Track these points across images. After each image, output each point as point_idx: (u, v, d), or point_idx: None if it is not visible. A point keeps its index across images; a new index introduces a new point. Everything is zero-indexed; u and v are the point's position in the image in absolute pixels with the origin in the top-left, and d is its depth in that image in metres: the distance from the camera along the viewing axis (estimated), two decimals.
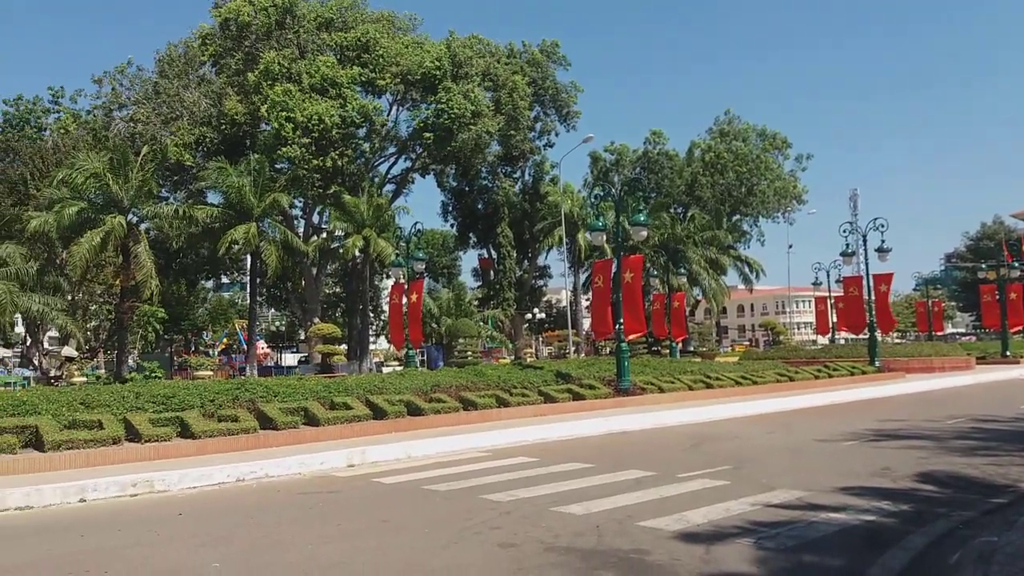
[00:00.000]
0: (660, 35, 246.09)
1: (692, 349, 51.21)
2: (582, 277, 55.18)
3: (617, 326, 19.53)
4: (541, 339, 69.31)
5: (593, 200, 52.27)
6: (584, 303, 57.26)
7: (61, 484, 9.21)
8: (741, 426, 15.84)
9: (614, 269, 21.20)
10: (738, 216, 60.94)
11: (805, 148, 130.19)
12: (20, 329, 50.04)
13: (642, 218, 20.48)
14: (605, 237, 21.91)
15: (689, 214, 55.17)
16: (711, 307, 57.14)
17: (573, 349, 49.98)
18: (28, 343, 45.25)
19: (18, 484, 9.17)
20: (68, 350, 43.49)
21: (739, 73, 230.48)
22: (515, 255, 51.29)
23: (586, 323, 57.56)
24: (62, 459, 10.43)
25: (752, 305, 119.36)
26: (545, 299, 68.71)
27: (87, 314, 44.12)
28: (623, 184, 57.60)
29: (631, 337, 20.16)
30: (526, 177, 53.78)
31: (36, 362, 41.21)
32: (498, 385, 17.33)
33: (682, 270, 40.38)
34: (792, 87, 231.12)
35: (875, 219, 27.98)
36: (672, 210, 56.46)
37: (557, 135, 50.87)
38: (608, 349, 41.08)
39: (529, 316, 58.91)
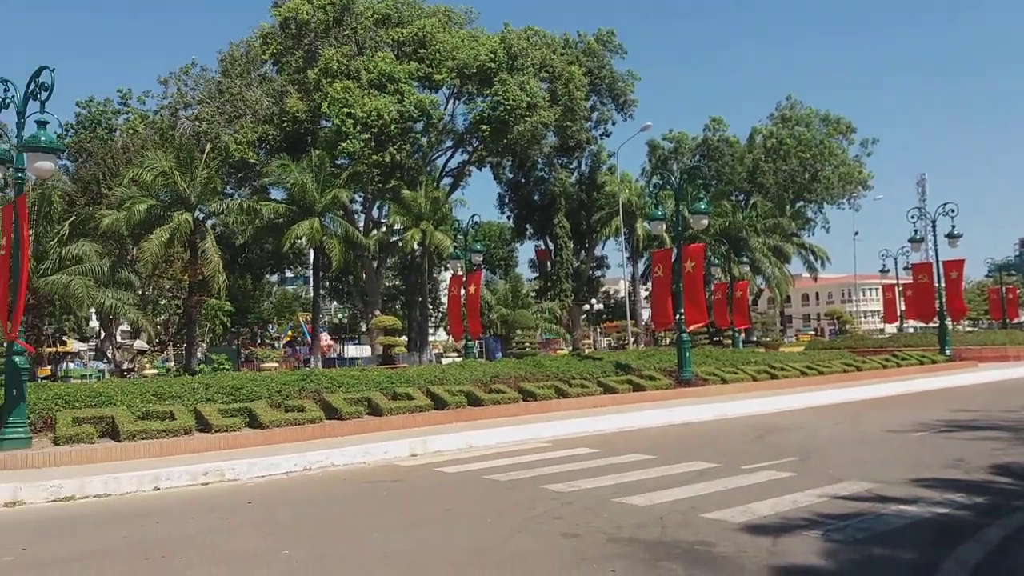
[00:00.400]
0: (717, 21, 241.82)
1: (755, 339, 50.27)
2: (641, 267, 54.65)
3: (678, 316, 19.31)
4: (599, 330, 68.97)
5: (652, 189, 51.82)
6: (643, 293, 56.77)
7: (136, 473, 9.54)
8: (807, 417, 15.52)
9: (674, 258, 20.94)
10: (802, 203, 59.55)
11: (870, 132, 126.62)
12: (94, 324, 52.04)
13: (702, 206, 20.18)
14: (664, 226, 21.65)
15: (751, 201, 54.10)
16: (774, 296, 55.93)
17: (632, 340, 49.61)
18: (102, 337, 47.06)
19: (97, 472, 9.52)
20: (140, 343, 45.08)
21: (800, 57, 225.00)
22: (572, 246, 51.09)
23: (645, 313, 57.09)
24: (137, 448, 10.79)
25: (817, 294, 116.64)
26: (603, 290, 68.31)
27: (157, 308, 45.54)
28: (682, 172, 56.84)
29: (692, 327, 19.90)
30: (583, 167, 53.52)
31: (110, 355, 42.83)
32: (557, 376, 17.31)
33: (744, 259, 39.62)
34: (856, 70, 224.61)
35: (944, 204, 27.23)
36: (733, 198, 55.46)
37: (614, 124, 50.47)
38: (668, 340, 40.65)
39: (587, 307, 58.69)
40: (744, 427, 14.18)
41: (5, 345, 11.27)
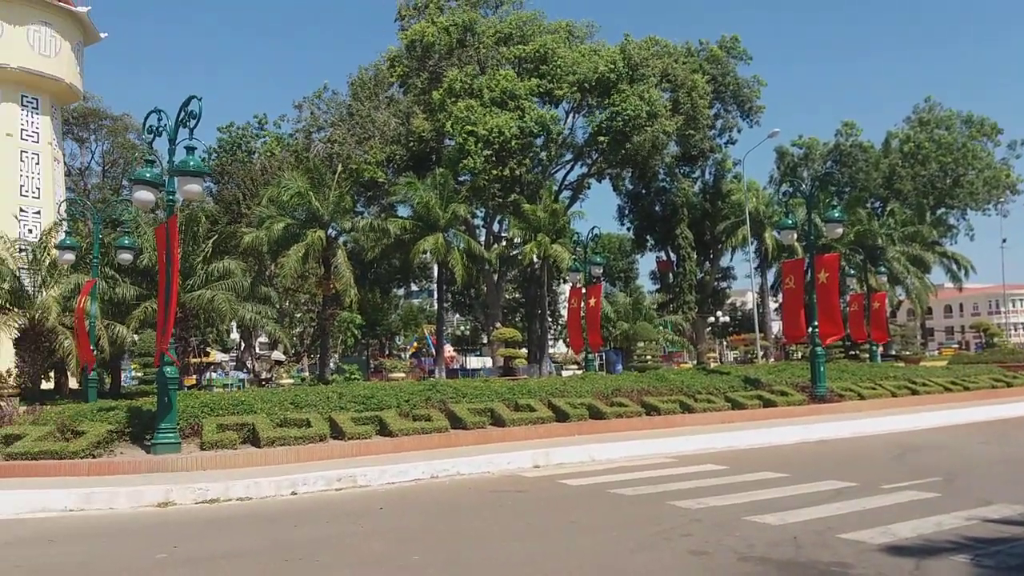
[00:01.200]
0: (847, 23, 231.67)
1: (894, 353, 47.50)
2: (769, 278, 52.85)
3: (811, 329, 18.52)
4: (725, 343, 67.13)
5: (781, 197, 50.09)
6: (772, 305, 54.88)
7: (275, 478, 10.02)
8: (951, 435, 14.53)
9: (806, 269, 20.12)
10: (943, 209, 56.04)
11: (1018, 134, 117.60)
12: (235, 336, 55.25)
13: (836, 214, 19.31)
14: (795, 235, 20.80)
15: (888, 209, 51.39)
16: (914, 308, 52.92)
17: (761, 354, 47.96)
18: (242, 348, 49.88)
19: (239, 477, 10.07)
20: (277, 354, 47.49)
21: (938, 58, 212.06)
22: (695, 257, 50.04)
23: (775, 326, 55.13)
24: (275, 454, 11.33)
25: (961, 305, 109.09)
26: (729, 302, 66.53)
27: (293, 321, 47.87)
28: (814, 179, 54.77)
29: (827, 341, 19.02)
30: (706, 176, 52.46)
31: (249, 365, 45.34)
32: (681, 390, 16.93)
33: (881, 268, 37.57)
34: (1001, 70, 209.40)
35: None
36: (868, 205, 52.85)
37: (739, 131, 49.32)
38: (800, 354, 39.04)
39: (712, 319, 57.24)
40: (883, 445, 13.42)
41: (158, 356, 12.10)
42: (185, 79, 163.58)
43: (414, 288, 66.72)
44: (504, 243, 43.23)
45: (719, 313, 60.67)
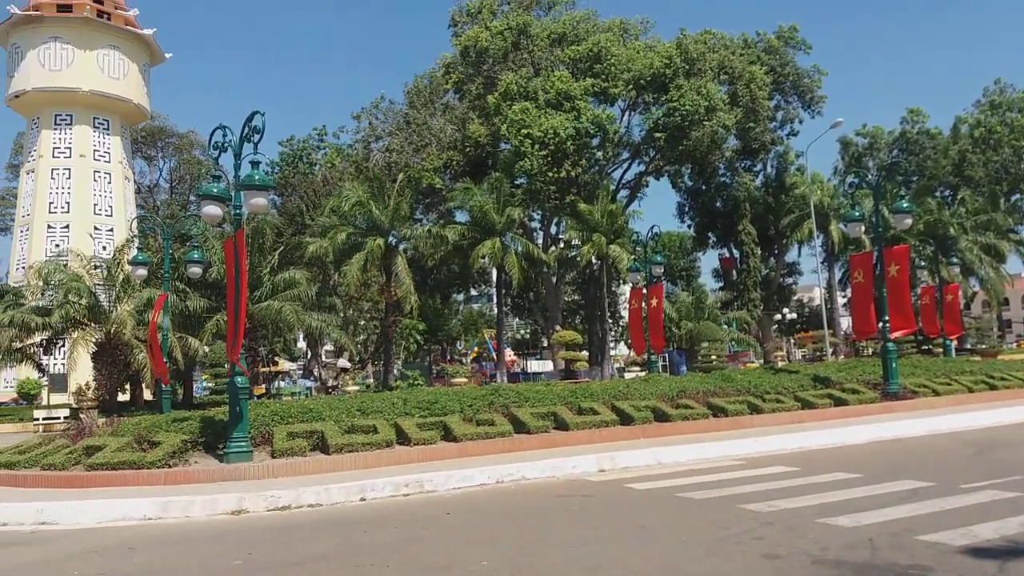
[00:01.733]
0: (906, 8, 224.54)
1: (969, 347, 45.76)
2: (837, 272, 51.56)
3: (881, 324, 18.00)
4: (792, 341, 65.69)
5: (846, 188, 48.79)
6: (841, 300, 53.50)
7: (344, 484, 10.18)
8: None
9: (875, 262, 19.56)
10: (1018, 195, 53.85)
11: None
12: (302, 344, 56.45)
13: (905, 204, 18.75)
14: (863, 227, 20.21)
15: (958, 197, 49.62)
16: (989, 299, 50.86)
17: (830, 351, 46.75)
18: (309, 357, 50.88)
19: (309, 484, 10.27)
20: (343, 362, 48.28)
21: (1006, 39, 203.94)
22: (759, 252, 49.20)
23: (844, 322, 53.65)
24: (344, 461, 11.51)
25: None
26: (795, 298, 65.13)
27: (357, 329, 48.67)
28: (880, 169, 53.22)
29: (898, 335, 18.45)
30: (768, 170, 51.58)
31: (316, 373, 46.21)
32: (748, 391, 16.62)
33: (953, 259, 36.29)
34: None
35: None
36: (938, 194, 51.15)
37: (801, 123, 48.43)
38: (871, 350, 37.98)
39: (778, 317, 56.11)
40: (961, 443, 12.94)
41: (229, 367, 12.43)
42: (246, 94, 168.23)
43: (473, 293, 67.12)
44: (562, 245, 43.17)
45: (785, 310, 59.44)
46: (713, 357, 37.17)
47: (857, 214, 19.51)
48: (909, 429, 14.58)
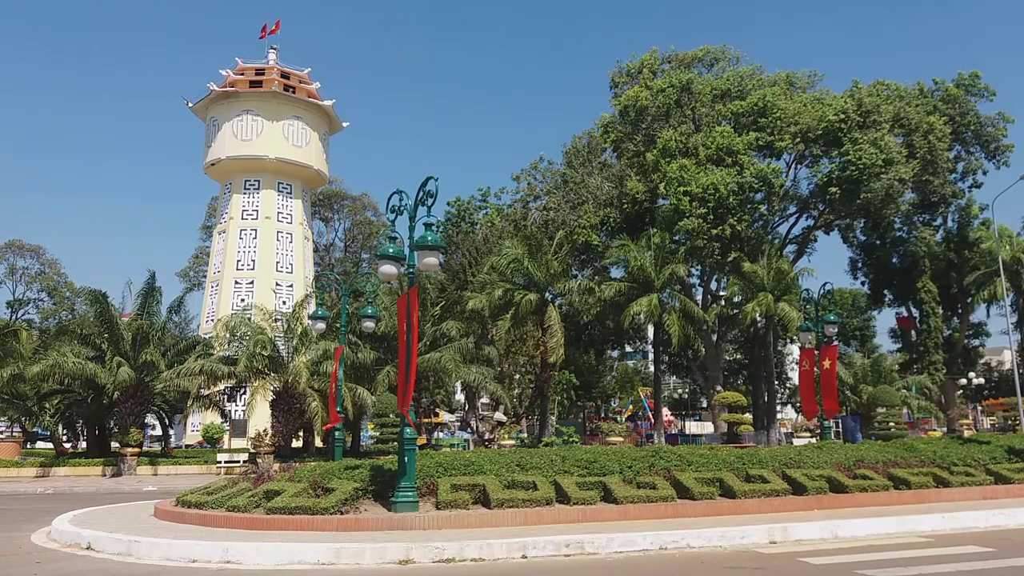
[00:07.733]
0: None
1: None
2: None
3: None
4: (980, 408, 60.11)
5: None
6: None
7: (507, 540, 10.19)
8: None
9: None
10: None
11: None
12: (459, 396, 57.74)
13: None
14: None
15: None
16: None
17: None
18: (466, 408, 51.90)
19: (472, 537, 10.35)
20: (499, 415, 48.87)
21: None
22: (941, 312, 45.65)
23: None
24: (504, 516, 11.55)
25: None
26: (983, 361, 59.62)
27: (512, 382, 49.26)
28: None
29: None
30: (949, 224, 48.06)
31: (473, 425, 47.01)
32: (933, 462, 15.29)
33: None
34: None
35: None
36: None
37: (985, 173, 45.03)
38: None
39: (963, 381, 51.56)
40: None
41: (398, 417, 12.88)
42: (416, 157, 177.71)
43: (628, 349, 66.33)
44: (723, 302, 41.98)
45: (971, 374, 54.53)
46: (891, 424, 34.52)
47: None
48: None
